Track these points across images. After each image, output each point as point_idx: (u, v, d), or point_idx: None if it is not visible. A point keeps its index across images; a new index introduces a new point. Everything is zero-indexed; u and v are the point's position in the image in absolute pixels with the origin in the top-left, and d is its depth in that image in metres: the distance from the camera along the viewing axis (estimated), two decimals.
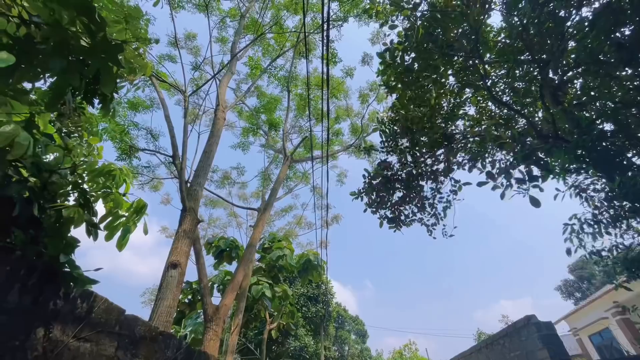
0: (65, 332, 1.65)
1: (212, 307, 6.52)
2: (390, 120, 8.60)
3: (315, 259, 14.66)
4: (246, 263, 7.98)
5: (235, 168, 16.65)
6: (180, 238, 5.36)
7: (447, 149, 8.42)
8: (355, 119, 18.58)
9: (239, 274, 7.63)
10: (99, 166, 1.79)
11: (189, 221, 5.61)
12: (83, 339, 1.74)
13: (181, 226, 5.56)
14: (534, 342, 7.21)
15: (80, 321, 1.75)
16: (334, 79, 15.30)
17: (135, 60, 2.46)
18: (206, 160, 6.80)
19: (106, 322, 1.95)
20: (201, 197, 6.32)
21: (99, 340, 1.85)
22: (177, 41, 10.02)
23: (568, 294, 35.82)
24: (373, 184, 9.34)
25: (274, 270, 12.96)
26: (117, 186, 1.90)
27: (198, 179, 6.43)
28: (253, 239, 8.94)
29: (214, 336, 6.09)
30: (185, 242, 5.35)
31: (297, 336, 20.59)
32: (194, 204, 5.96)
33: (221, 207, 23.22)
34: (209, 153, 6.91)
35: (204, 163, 6.76)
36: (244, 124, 17.84)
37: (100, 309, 1.92)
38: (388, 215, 9.55)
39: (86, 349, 1.75)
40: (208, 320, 6.31)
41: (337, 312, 33.88)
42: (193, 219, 5.74)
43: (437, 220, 9.50)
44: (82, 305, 1.80)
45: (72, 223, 1.58)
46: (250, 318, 15.72)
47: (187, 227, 5.53)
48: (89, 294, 1.97)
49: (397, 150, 8.55)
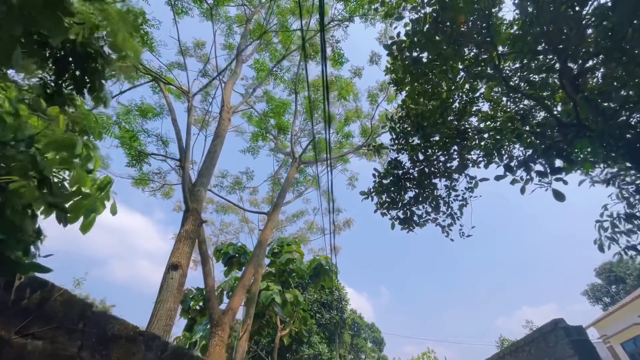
0: (5, 327, 1.45)
1: (218, 311, 6.29)
2: (400, 117, 8.31)
3: (326, 264, 14.33)
4: (255, 263, 7.76)
5: (245, 173, 16.62)
6: (182, 239, 5.20)
7: (460, 145, 8.08)
8: (365, 120, 18.33)
9: (247, 274, 7.42)
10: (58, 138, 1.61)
11: (191, 222, 5.45)
12: (31, 335, 1.53)
13: (183, 227, 5.41)
14: (563, 348, 6.66)
15: (27, 315, 1.54)
16: (342, 80, 15.11)
17: (124, 44, 2.30)
18: (210, 161, 6.68)
19: (64, 316, 1.71)
20: (204, 198, 6.19)
21: (55, 338, 1.63)
22: (180, 42, 10.09)
23: (596, 298, 34.02)
24: (384, 183, 9.03)
25: (284, 275, 12.70)
26: (83, 162, 1.71)
27: (202, 179, 6.30)
28: (262, 238, 8.74)
29: (220, 342, 5.86)
30: (187, 243, 5.19)
31: (311, 343, 20.16)
32: (197, 205, 5.81)
33: (233, 212, 23.25)
34: (213, 154, 6.79)
35: (208, 164, 6.64)
36: (254, 129, 17.89)
37: (57, 302, 1.69)
38: (400, 216, 9.21)
39: (37, 347, 1.53)
40: (214, 325, 6.08)
41: (352, 319, 33.21)
42: (195, 219, 5.58)
43: (453, 220, 9.10)
44: (31, 297, 1.59)
45: (21, 198, 1.38)
46: (262, 324, 15.45)
47: (190, 228, 5.37)
48: (42, 283, 1.74)
49: (409, 147, 8.25)
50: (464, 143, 8.17)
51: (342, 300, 24.81)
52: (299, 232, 23.46)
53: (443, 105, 7.36)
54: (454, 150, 8.32)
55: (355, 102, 18.12)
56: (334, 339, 22.35)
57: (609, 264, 33.98)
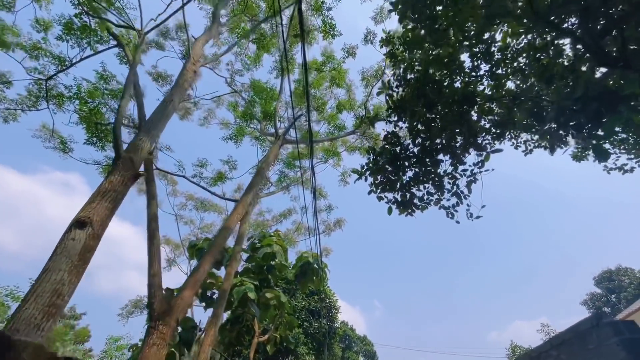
0: None
1: (162, 301, 4.72)
2: (399, 79, 7.04)
3: (315, 262, 12.74)
4: (214, 252, 6.25)
5: (227, 162, 15.06)
6: (101, 193, 3.69)
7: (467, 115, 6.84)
8: (360, 110, 17.10)
9: (205, 263, 5.88)
10: None
11: (121, 172, 3.96)
12: None
13: (107, 178, 3.90)
14: (611, 350, 5.20)
15: None
16: (334, 59, 13.92)
17: None
18: (163, 111, 5.24)
19: None
20: (147, 150, 4.69)
21: None
22: None
23: (596, 308, 32.71)
24: (379, 162, 7.73)
25: (263, 272, 11.07)
26: None
27: (148, 129, 4.84)
28: (227, 224, 7.24)
29: (160, 340, 4.29)
30: (108, 199, 3.68)
31: (297, 354, 18.29)
32: (134, 154, 4.33)
33: (214, 211, 21.57)
34: (168, 103, 5.35)
35: (159, 114, 5.20)
36: (240, 121, 16.46)
37: None
38: (398, 198, 7.88)
39: None
40: (154, 319, 4.50)
41: (343, 331, 31.26)
42: (127, 170, 4.07)
43: (459, 200, 7.79)
44: None
45: None
46: (242, 331, 13.67)
47: (116, 180, 3.88)
48: None
49: (408, 114, 6.94)
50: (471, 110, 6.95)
51: (333, 307, 23.02)
52: (286, 233, 21.86)
53: (452, 59, 6.11)
54: (460, 118, 7.04)
55: (347, 92, 16.94)
56: (322, 350, 20.50)
57: (609, 271, 32.92)
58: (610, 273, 32.75)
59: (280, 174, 17.43)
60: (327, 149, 18.31)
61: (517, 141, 7.55)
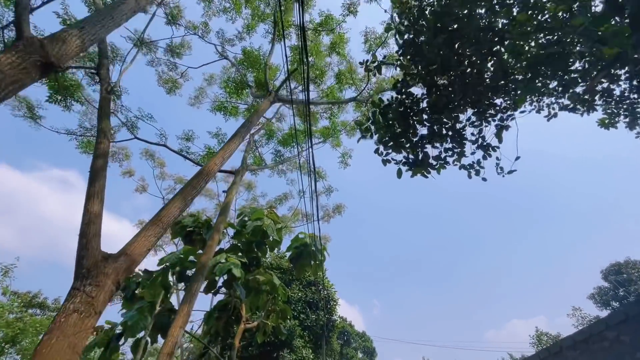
0: None
1: (95, 254, 3.35)
2: (411, 16, 5.73)
3: (312, 243, 11.40)
4: (191, 190, 4.97)
5: (216, 135, 13.65)
6: None
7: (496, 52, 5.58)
8: (362, 84, 15.75)
9: (175, 202, 4.58)
10: None
11: (16, 54, 2.60)
12: None
13: None
14: None
15: None
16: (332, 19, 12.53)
17: None
18: (114, 6, 3.88)
19: None
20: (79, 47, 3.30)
21: None
22: None
23: (603, 303, 31.55)
24: (387, 117, 6.46)
25: (252, 249, 9.72)
26: None
27: (86, 23, 3.48)
28: (209, 165, 5.98)
29: (85, 306, 2.93)
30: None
31: (293, 347, 16.99)
32: (51, 44, 2.97)
33: (204, 195, 20.25)
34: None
35: (108, 9, 3.83)
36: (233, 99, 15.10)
37: None
38: (410, 158, 6.62)
39: None
40: (80, 277, 3.14)
41: (342, 327, 29.99)
42: (29, 53, 2.71)
43: (486, 153, 6.53)
44: None
45: None
46: (230, 320, 12.31)
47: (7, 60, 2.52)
48: None
49: (425, 53, 5.63)
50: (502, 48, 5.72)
51: (331, 299, 21.72)
52: (283, 219, 20.55)
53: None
54: (489, 54, 5.73)
55: (349, 62, 15.55)
56: (320, 344, 19.20)
57: (617, 264, 31.68)
58: (619, 266, 31.54)
59: (275, 152, 16.10)
60: (325, 129, 16.97)
61: (539, 104, 6.31)
